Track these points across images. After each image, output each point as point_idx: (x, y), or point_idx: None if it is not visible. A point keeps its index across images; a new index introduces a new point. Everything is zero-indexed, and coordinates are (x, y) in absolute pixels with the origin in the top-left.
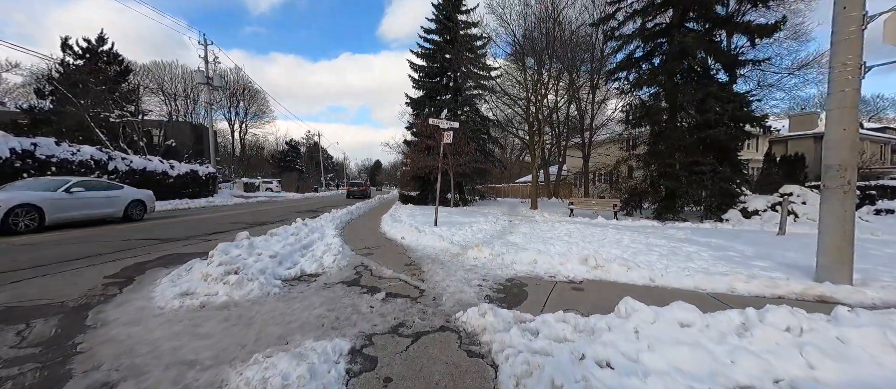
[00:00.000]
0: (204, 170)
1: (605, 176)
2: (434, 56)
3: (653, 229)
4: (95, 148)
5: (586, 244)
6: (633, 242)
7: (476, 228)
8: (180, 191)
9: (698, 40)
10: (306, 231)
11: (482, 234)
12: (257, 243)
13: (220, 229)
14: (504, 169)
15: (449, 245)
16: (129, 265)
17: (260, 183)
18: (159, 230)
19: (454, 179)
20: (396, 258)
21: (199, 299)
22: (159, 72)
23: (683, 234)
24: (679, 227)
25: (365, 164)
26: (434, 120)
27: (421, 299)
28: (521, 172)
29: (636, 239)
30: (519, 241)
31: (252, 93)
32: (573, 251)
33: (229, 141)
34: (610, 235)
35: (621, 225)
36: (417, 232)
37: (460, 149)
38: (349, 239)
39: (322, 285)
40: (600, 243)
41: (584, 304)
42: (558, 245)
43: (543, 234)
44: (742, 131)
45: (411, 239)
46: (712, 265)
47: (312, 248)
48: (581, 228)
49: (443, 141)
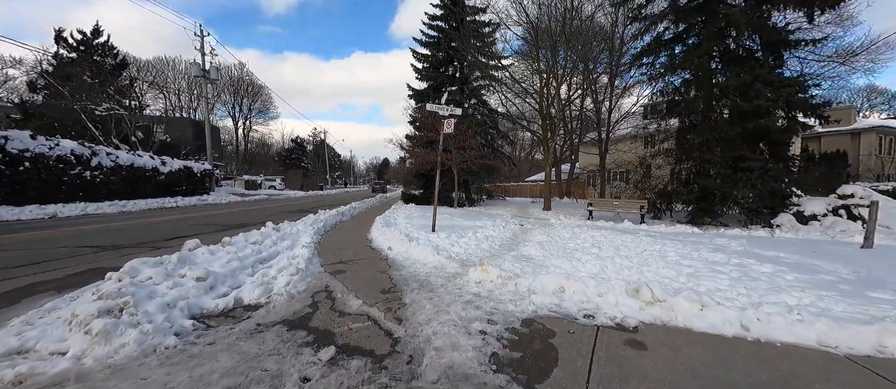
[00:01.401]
0: (199, 166)
1: (621, 174)
2: (439, 44)
3: (695, 237)
4: (78, 142)
5: (624, 259)
6: (682, 256)
7: (481, 235)
8: (173, 188)
9: (746, 16)
10: (274, 238)
11: (488, 244)
12: (193, 257)
13: (182, 233)
14: (514, 166)
15: (445, 260)
16: (6, 289)
17: (262, 180)
18: (108, 234)
19: (459, 177)
20: (373, 279)
21: (26, 366)
22: (162, 67)
23: (740, 245)
24: (727, 235)
25: (373, 162)
26: (432, 106)
27: (390, 359)
28: (530, 170)
29: (684, 253)
30: (535, 254)
31: (256, 89)
32: (610, 271)
33: (235, 138)
34: (646, 245)
35: (655, 232)
36: (408, 242)
37: (466, 143)
38: (325, 248)
39: (253, 328)
40: (641, 258)
41: (654, 377)
42: (588, 261)
43: (564, 244)
44: (796, 122)
45: (400, 251)
46: (817, 298)
47: (272, 263)
48: (609, 236)
49: (443, 130)
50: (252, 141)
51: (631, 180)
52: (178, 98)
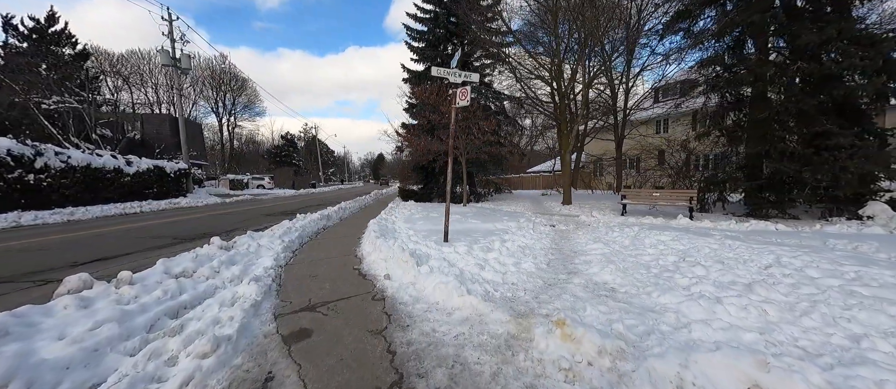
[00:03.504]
0: (173, 165)
1: (630, 162)
2: (437, 19)
3: (787, 236)
4: (17, 141)
5: (766, 290)
6: (822, 274)
7: (513, 245)
8: (142, 191)
9: None
10: (217, 262)
11: (531, 261)
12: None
13: (106, 253)
14: (523, 156)
15: (482, 303)
16: None
17: (249, 179)
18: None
19: (465, 168)
20: (359, 359)
21: None
22: (136, 61)
23: (871, 249)
24: (831, 233)
25: (368, 158)
26: (440, 70)
27: None
28: (532, 161)
29: (821, 268)
30: (616, 283)
31: (239, 83)
32: (776, 320)
33: (220, 136)
34: (750, 254)
35: (727, 230)
36: (415, 264)
37: (475, 127)
38: (292, 276)
39: None
40: (766, 282)
41: None
42: (706, 291)
43: (637, 257)
44: (888, 88)
45: (403, 282)
46: None
47: (190, 316)
48: (681, 239)
49: (454, 105)
50: (239, 138)
51: (642, 169)
52: (156, 93)
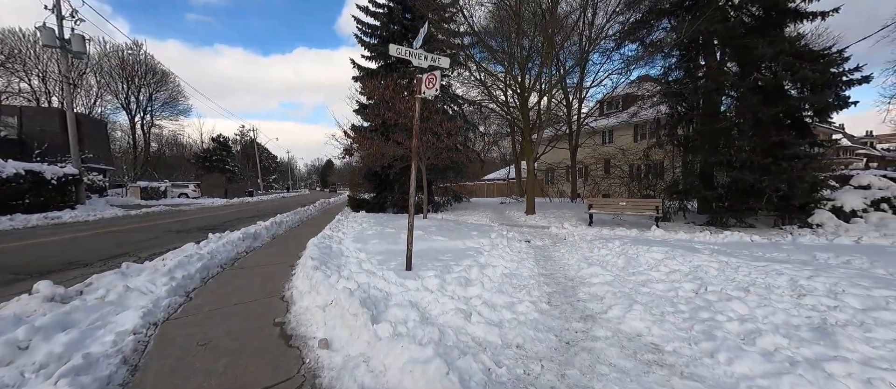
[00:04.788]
0: (54, 170)
1: (582, 171)
2: (391, 14)
3: (767, 248)
4: None
5: (854, 352)
6: (864, 305)
7: (494, 272)
8: (7, 203)
9: None
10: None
11: (529, 300)
12: None
13: None
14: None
15: None
16: None
17: (168, 187)
18: None
19: (425, 174)
20: None
21: None
22: (14, 42)
23: (864, 263)
24: (806, 244)
25: (316, 164)
26: (400, 49)
27: None
28: (485, 169)
29: (850, 292)
30: (652, 334)
31: (158, 76)
32: None
33: (132, 136)
34: (759, 277)
35: (708, 244)
36: (370, 322)
37: (437, 127)
38: (165, 345)
39: None
40: (833, 324)
41: None
42: (786, 355)
43: (651, 288)
44: (830, 103)
45: (350, 353)
46: None
47: None
48: (675, 257)
49: (419, 93)
50: (159, 140)
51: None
52: (44, 83)
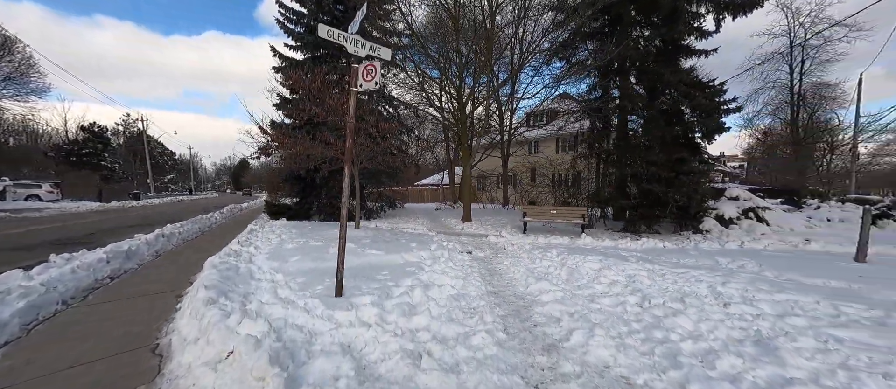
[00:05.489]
0: None
1: (510, 179)
2: (321, 4)
3: (679, 254)
4: None
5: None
6: (746, 302)
7: (440, 294)
8: None
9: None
10: None
11: (483, 329)
12: None
13: None
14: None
15: None
16: None
17: (7, 186)
18: None
19: (358, 179)
20: None
21: None
22: None
23: (754, 265)
24: (706, 250)
25: (228, 164)
26: (333, 33)
27: None
28: (419, 175)
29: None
30: (620, 364)
31: None
32: None
33: None
34: (686, 286)
35: (634, 251)
36: (284, 385)
37: (372, 127)
38: None
39: None
40: (775, 338)
41: None
42: (751, 380)
43: (600, 303)
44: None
45: None
46: None
47: None
48: (610, 266)
49: (354, 86)
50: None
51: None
52: None
